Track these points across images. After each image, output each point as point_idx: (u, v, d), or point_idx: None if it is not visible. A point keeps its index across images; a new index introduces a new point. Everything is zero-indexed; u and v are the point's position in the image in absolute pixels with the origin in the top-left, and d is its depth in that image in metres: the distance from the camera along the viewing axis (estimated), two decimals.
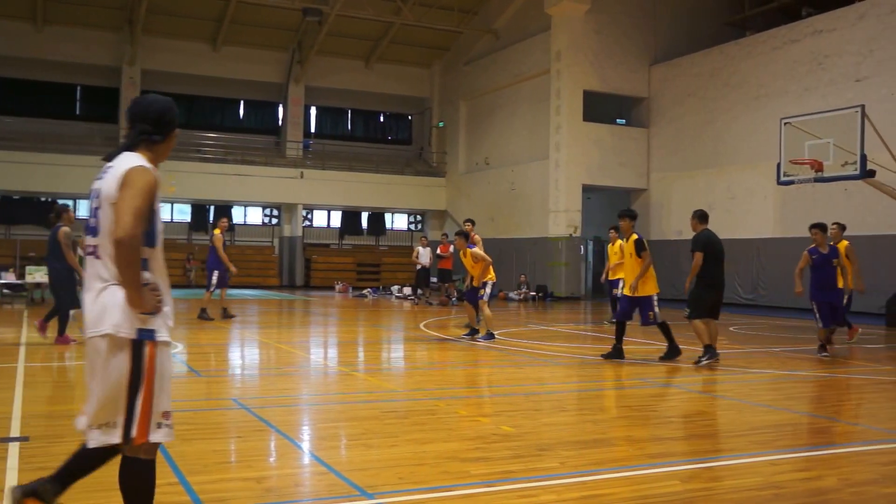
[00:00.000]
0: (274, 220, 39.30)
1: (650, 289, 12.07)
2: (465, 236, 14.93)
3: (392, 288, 32.88)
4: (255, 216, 39.39)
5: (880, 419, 8.19)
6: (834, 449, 6.77)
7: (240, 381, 10.39)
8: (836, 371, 11.74)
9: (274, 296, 30.34)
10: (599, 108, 31.40)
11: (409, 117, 43.57)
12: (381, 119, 43.48)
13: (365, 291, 32.64)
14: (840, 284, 13.27)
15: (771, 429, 7.37)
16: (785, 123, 19.89)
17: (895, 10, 23.05)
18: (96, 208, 3.85)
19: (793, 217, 25.28)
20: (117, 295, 3.75)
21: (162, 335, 3.84)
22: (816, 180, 19.14)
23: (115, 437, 3.77)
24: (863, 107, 18.46)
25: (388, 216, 41.35)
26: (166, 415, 3.84)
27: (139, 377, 3.74)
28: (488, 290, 14.69)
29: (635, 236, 12.27)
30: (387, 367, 12.44)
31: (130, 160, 3.82)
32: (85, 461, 3.99)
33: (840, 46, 24.55)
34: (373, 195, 37.84)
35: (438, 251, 25.98)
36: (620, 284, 18.79)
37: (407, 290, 30.76)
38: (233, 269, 18.20)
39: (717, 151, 28.51)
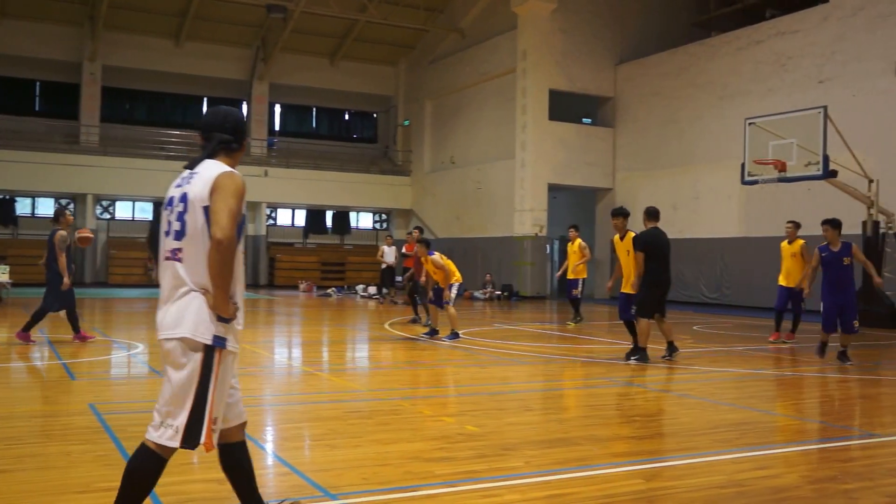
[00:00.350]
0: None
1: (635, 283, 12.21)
2: (427, 244, 14.95)
3: (357, 287, 32.78)
4: None
5: (840, 416, 8.28)
6: (795, 446, 6.83)
7: None
8: (798, 370, 11.88)
9: None
10: (565, 107, 31.49)
11: (375, 115, 43.47)
12: (346, 117, 43.34)
13: (329, 291, 32.51)
14: (877, 282, 13.43)
15: (733, 427, 7.41)
16: (749, 123, 20.09)
17: (857, 13, 23.34)
18: (181, 212, 3.95)
19: (757, 217, 25.53)
20: (197, 300, 3.90)
21: (231, 344, 3.98)
22: (780, 180, 19.37)
23: (174, 442, 3.88)
24: (825, 108, 18.71)
25: (352, 215, 41.21)
26: (215, 420, 3.95)
27: (207, 385, 3.88)
28: (454, 292, 14.68)
29: (632, 233, 12.41)
30: (351, 367, 12.39)
31: (217, 166, 4.01)
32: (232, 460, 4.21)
33: (803, 48, 24.82)
34: (338, 194, 37.71)
35: (404, 250, 25.90)
36: (580, 284, 18.94)
37: (372, 290, 30.69)
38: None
39: (682, 151, 28.72)
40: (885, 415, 8.63)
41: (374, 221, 42.05)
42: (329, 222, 40.44)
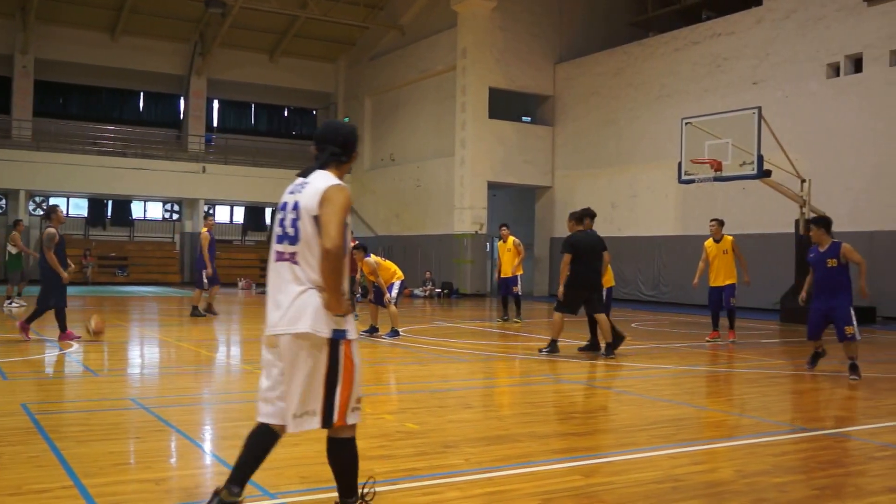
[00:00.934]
0: (175, 216, 38.54)
1: (606, 282, 12.74)
2: (363, 248, 14.94)
3: None
4: (155, 211, 38.58)
5: (773, 412, 8.44)
6: (729, 441, 6.95)
7: (139, 381, 10.14)
8: (733, 366, 12.09)
9: (175, 293, 29.75)
10: (505, 105, 31.65)
11: (314, 112, 43.26)
12: (286, 114, 43.09)
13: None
14: (863, 293, 10.70)
15: (670, 423, 7.52)
16: (686, 123, 20.40)
17: (789, 16, 23.82)
18: (294, 219, 4.32)
19: (693, 215, 25.91)
20: (315, 298, 4.24)
21: (352, 334, 4.34)
22: (716, 179, 19.68)
23: (315, 424, 4.29)
24: (759, 108, 19.07)
25: None
26: (359, 400, 4.39)
27: (336, 372, 4.26)
28: (395, 291, 14.68)
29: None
30: None
31: (326, 178, 4.36)
32: (259, 445, 4.46)
33: (738, 50, 25.26)
34: (276, 190, 36.58)
35: None
36: (520, 281, 19.03)
37: None
38: (209, 271, 18.55)
39: (620, 150, 29.04)
40: (815, 410, 8.84)
41: None
42: (268, 219, 40.11)
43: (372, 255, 14.85)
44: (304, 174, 4.45)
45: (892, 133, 21.32)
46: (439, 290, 30.22)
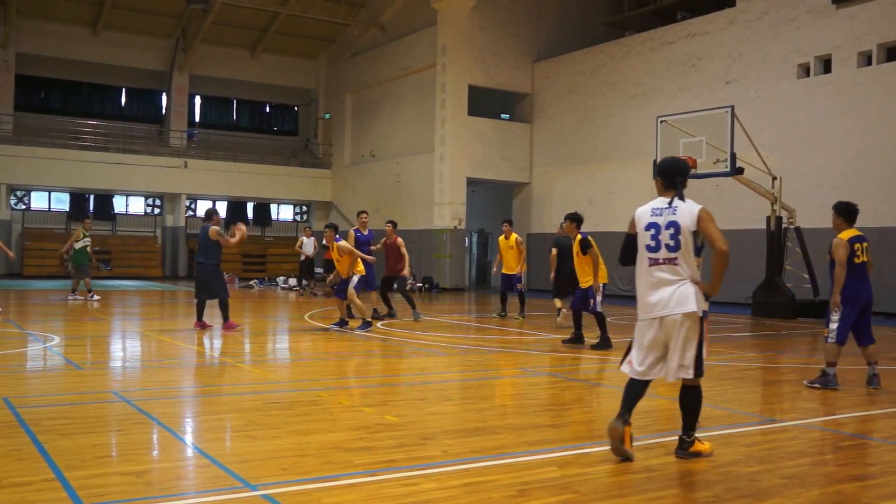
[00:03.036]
0: (157, 210, 38.43)
1: (590, 280, 12.89)
2: (335, 228, 15.05)
3: (278, 279, 32.60)
4: (137, 206, 38.43)
5: (744, 403, 8.59)
6: (702, 432, 7.07)
7: (121, 374, 10.19)
8: (705, 359, 12.24)
9: (156, 287, 29.68)
10: (484, 102, 31.76)
11: (295, 108, 43.19)
12: (267, 110, 42.99)
13: (251, 282, 32.22)
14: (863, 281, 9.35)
15: (644, 415, 7.62)
16: (661, 121, 20.58)
17: (762, 17, 24.06)
18: (673, 234, 5.93)
19: None
20: (693, 288, 5.87)
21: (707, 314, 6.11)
22: (690, 177, 19.84)
23: (689, 374, 5.90)
24: (732, 107, 19.29)
25: (273, 207, 40.94)
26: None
27: (703, 339, 5.91)
28: (354, 280, 14.75)
29: (580, 237, 12.94)
30: (271, 358, 12.39)
31: (692, 204, 6.04)
32: (641, 391, 6.14)
33: (712, 49, 25.48)
34: (258, 186, 37.41)
35: (324, 242, 25.88)
36: (523, 278, 19.15)
37: (292, 281, 30.55)
38: (370, 258, 18.15)
39: (597, 147, 29.20)
40: (784, 401, 9.01)
41: (295, 213, 41.83)
42: (250, 214, 40.10)
43: (342, 240, 15.01)
44: (670, 202, 6.02)
45: (859, 132, 21.59)
46: (419, 285, 30.32)
